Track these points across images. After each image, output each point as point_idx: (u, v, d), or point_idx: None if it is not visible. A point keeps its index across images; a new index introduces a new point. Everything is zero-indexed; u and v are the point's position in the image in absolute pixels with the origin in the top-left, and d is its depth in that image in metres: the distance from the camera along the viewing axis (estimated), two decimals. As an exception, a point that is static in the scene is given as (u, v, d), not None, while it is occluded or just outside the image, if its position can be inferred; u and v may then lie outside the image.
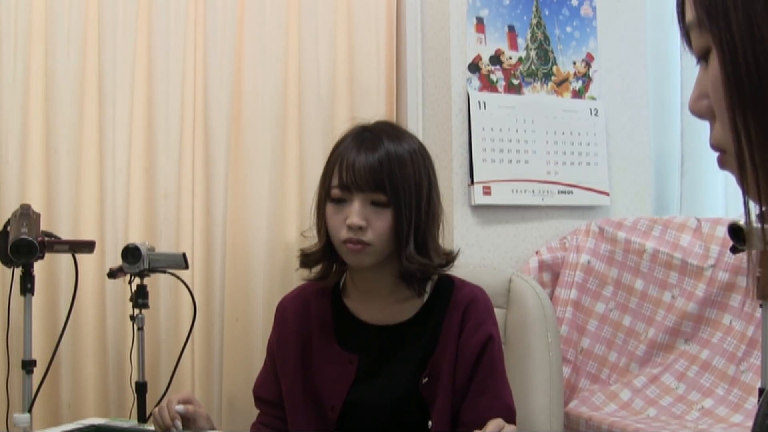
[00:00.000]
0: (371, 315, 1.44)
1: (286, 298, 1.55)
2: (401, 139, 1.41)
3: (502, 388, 1.39)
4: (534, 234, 2.41)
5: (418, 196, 1.38)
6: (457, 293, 1.43)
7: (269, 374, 1.50)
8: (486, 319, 1.41)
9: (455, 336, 1.39)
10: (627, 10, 2.58)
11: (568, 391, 2.16)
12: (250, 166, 2.26)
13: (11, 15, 2.11)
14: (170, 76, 2.22)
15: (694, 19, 0.57)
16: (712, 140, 0.59)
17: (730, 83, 0.54)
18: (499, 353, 1.41)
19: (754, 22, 0.52)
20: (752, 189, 0.55)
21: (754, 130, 0.53)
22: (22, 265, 1.64)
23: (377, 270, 1.41)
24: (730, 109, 0.55)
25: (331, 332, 1.45)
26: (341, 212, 1.36)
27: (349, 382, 1.40)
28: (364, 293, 1.46)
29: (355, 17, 2.39)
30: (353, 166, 1.35)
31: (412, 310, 1.43)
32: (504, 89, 2.38)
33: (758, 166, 0.54)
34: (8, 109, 2.10)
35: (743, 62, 0.53)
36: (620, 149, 2.55)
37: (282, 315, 1.52)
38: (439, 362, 1.38)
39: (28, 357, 1.67)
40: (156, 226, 2.20)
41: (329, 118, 2.34)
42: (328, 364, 1.43)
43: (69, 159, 2.14)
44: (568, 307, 2.24)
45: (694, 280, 2.08)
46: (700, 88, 0.59)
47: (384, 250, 1.37)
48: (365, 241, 1.34)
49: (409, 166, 1.38)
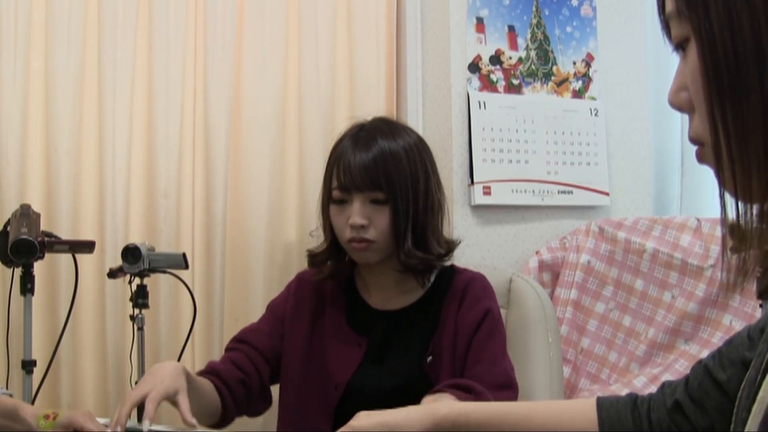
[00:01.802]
0: (379, 301, 1.50)
1: (306, 271, 1.58)
2: (396, 135, 1.44)
3: (501, 357, 1.40)
4: (534, 234, 2.41)
5: (414, 191, 1.41)
6: (457, 278, 1.48)
7: (262, 328, 1.52)
8: (483, 296, 1.45)
9: (455, 312, 1.43)
10: (627, 10, 2.58)
11: (568, 391, 2.16)
12: (250, 165, 2.26)
13: (11, 15, 2.11)
14: (170, 76, 2.22)
15: (673, 9, 0.57)
16: (691, 133, 0.59)
17: (708, 73, 0.54)
18: (497, 326, 1.42)
19: (734, 12, 0.52)
20: (728, 182, 0.55)
21: (732, 121, 0.53)
22: (22, 265, 1.64)
23: (383, 264, 1.46)
24: (708, 100, 0.54)
25: (343, 314, 1.50)
26: (343, 213, 1.41)
27: (356, 364, 1.43)
28: (373, 284, 1.51)
29: (355, 17, 2.39)
30: (350, 168, 1.39)
31: (416, 296, 1.49)
32: (504, 89, 2.38)
33: (735, 158, 0.53)
34: (8, 109, 2.10)
35: (722, 52, 0.53)
36: (620, 149, 2.55)
37: (300, 284, 1.56)
38: (441, 340, 1.41)
39: (28, 357, 1.67)
40: (156, 226, 2.20)
41: (329, 118, 2.34)
42: (338, 343, 1.46)
43: (69, 159, 2.14)
44: (568, 307, 2.24)
45: (694, 280, 2.08)
46: (680, 80, 0.59)
47: (388, 246, 1.43)
48: (369, 238, 1.40)
49: (404, 161, 1.41)
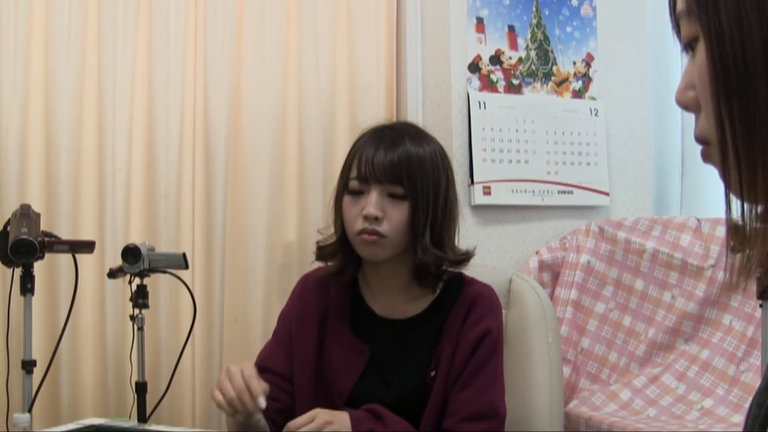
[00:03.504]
0: (384, 309, 1.46)
1: (309, 274, 1.55)
2: (422, 140, 1.41)
3: (489, 385, 1.38)
4: (534, 234, 2.41)
5: (435, 192, 1.38)
6: (466, 289, 1.44)
7: (278, 346, 1.49)
8: (488, 314, 1.41)
9: (457, 329, 1.40)
10: (627, 10, 2.59)
11: (568, 391, 2.16)
12: (249, 166, 2.26)
13: (11, 15, 2.11)
14: (170, 76, 2.22)
15: (684, 8, 0.57)
16: (696, 132, 0.59)
17: (716, 72, 0.54)
18: (495, 348, 1.40)
19: (743, 12, 0.52)
20: (734, 182, 0.55)
21: (739, 120, 0.53)
22: (22, 265, 1.64)
23: (391, 265, 1.42)
24: (716, 98, 0.54)
25: (347, 319, 1.46)
26: (358, 204, 1.37)
27: (360, 371, 1.41)
28: (378, 289, 1.47)
29: (355, 17, 2.39)
30: (372, 160, 1.36)
31: (422, 306, 1.45)
32: (504, 89, 2.38)
33: (741, 157, 0.53)
34: (8, 109, 2.10)
35: (730, 51, 0.53)
36: (620, 149, 2.55)
37: (304, 289, 1.52)
38: (440, 354, 1.39)
39: (28, 357, 1.67)
40: (156, 226, 2.20)
41: (329, 118, 2.34)
42: (341, 349, 1.44)
43: (69, 159, 2.14)
44: (568, 307, 2.24)
45: (694, 280, 2.08)
46: (687, 79, 0.59)
47: (399, 244, 1.38)
48: (380, 232, 1.35)
49: (428, 164, 1.38)
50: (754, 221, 0.55)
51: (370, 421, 1.31)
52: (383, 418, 1.32)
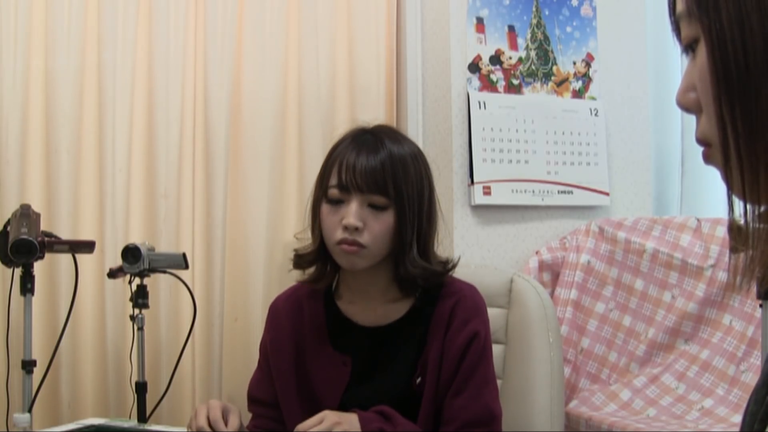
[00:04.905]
0: (363, 316, 1.42)
1: (279, 298, 1.52)
2: (402, 142, 1.39)
3: (482, 388, 1.36)
4: (534, 234, 2.41)
5: (420, 199, 1.36)
6: (446, 290, 1.40)
7: (264, 375, 1.48)
8: (473, 316, 1.38)
9: (442, 333, 1.37)
10: (627, 10, 2.58)
11: (568, 391, 2.16)
12: (249, 166, 2.26)
13: (11, 15, 2.11)
14: (170, 76, 2.22)
15: (684, 9, 0.57)
16: (698, 134, 0.59)
17: (717, 73, 0.54)
18: (484, 351, 1.37)
19: (744, 13, 0.52)
20: (736, 183, 0.55)
21: (741, 121, 0.53)
22: (22, 265, 1.64)
23: (371, 272, 1.38)
24: (717, 99, 0.54)
25: (325, 334, 1.43)
26: (337, 213, 1.33)
27: (344, 384, 1.39)
28: (357, 295, 1.43)
29: (355, 17, 2.39)
30: (353, 167, 1.32)
31: (403, 310, 1.41)
32: (504, 89, 2.38)
33: (743, 158, 0.53)
34: (8, 109, 2.10)
35: (731, 52, 0.53)
36: (620, 149, 2.55)
37: (275, 315, 1.49)
38: (426, 361, 1.36)
39: (28, 357, 1.67)
40: (156, 226, 2.20)
41: (329, 118, 2.34)
42: (322, 366, 1.41)
43: (69, 159, 2.14)
44: (568, 307, 2.24)
45: (694, 280, 2.08)
46: (688, 80, 0.59)
47: (379, 253, 1.35)
48: (360, 242, 1.31)
49: (411, 169, 1.36)
50: (757, 222, 0.55)
51: (379, 421, 1.30)
52: (392, 418, 1.31)
